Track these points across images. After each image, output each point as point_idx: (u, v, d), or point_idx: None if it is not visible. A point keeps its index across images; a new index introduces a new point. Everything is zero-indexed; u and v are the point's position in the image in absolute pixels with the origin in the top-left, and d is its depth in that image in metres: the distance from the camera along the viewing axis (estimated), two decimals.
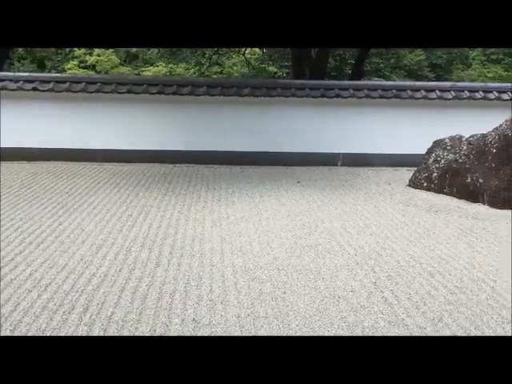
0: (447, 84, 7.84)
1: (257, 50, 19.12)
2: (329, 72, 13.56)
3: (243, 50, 16.88)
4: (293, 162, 7.56)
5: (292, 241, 4.07)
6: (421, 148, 6.55)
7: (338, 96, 7.48)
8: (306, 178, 6.72)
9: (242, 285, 3.17)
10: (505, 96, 7.51)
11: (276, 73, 18.98)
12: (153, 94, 7.22)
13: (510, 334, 2.62)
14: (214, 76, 19.44)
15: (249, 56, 19.05)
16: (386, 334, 2.60)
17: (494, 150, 5.41)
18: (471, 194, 5.47)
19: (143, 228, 4.27)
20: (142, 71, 22.66)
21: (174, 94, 7.23)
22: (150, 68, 22.86)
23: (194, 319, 2.69)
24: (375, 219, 4.79)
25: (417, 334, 2.60)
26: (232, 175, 6.81)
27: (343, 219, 4.75)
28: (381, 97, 7.47)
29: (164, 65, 21.92)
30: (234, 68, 21.66)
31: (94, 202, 5.02)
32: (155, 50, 20.04)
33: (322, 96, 7.48)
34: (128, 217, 4.56)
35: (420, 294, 3.09)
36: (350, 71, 13.33)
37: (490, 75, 27.83)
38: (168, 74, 21.25)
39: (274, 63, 18.17)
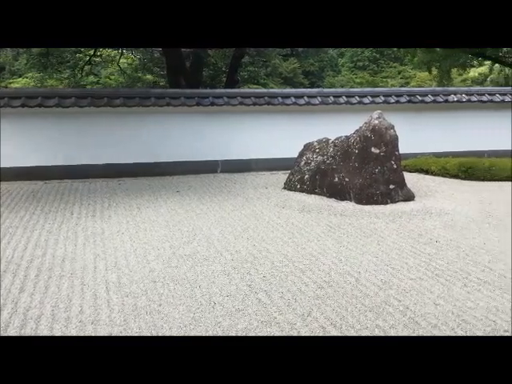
0: (314, 90, 8.33)
1: (132, 57, 18.74)
2: (205, 81, 13.71)
3: (118, 58, 16.45)
4: (172, 172, 7.51)
5: (170, 251, 4.03)
6: (295, 152, 6.85)
7: (212, 104, 7.59)
8: (185, 187, 6.70)
9: (115, 302, 3.06)
10: (366, 100, 8.14)
11: (155, 82, 18.76)
12: (15, 107, 6.74)
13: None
14: (89, 86, 18.69)
15: (125, 65, 18.60)
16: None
17: (357, 151, 5.84)
18: (339, 193, 5.85)
19: (7, 252, 3.96)
20: (10, 83, 21.11)
21: (40, 106, 6.82)
22: (19, 80, 21.37)
23: None
24: (252, 223, 4.91)
25: (289, 331, 2.71)
26: (109, 188, 6.58)
27: (221, 225, 4.81)
28: (254, 104, 7.71)
29: (33, 76, 20.60)
30: (112, 78, 21.02)
31: None
32: (24, 61, 18.80)
33: (198, 104, 7.54)
34: None
35: (292, 292, 3.22)
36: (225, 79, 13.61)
37: (358, 80, 30.02)
38: (38, 85, 20.00)
39: (150, 72, 17.95)
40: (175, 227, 4.73)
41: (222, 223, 4.90)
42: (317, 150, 6.35)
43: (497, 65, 16.24)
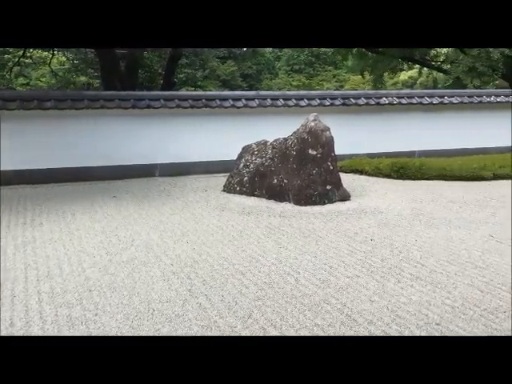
0: (251, 93, 8.38)
1: (64, 59, 18.09)
2: (141, 83, 13.46)
3: (49, 59, 15.84)
4: (109, 176, 7.30)
5: (106, 258, 3.92)
6: (234, 154, 6.85)
7: (149, 106, 7.46)
8: (123, 192, 6.54)
9: (48, 313, 2.93)
10: (302, 103, 8.29)
11: (89, 83, 18.20)
12: None
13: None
14: (19, 89, 17.85)
15: (57, 67, 17.93)
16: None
17: (294, 153, 5.93)
18: (278, 194, 5.91)
19: None
20: None
21: None
22: None
23: None
24: (192, 226, 4.87)
25: (229, 334, 2.70)
26: (40, 195, 6.31)
27: (160, 230, 4.73)
28: (192, 106, 7.65)
29: None
30: (43, 79, 20.18)
31: None
32: None
33: (133, 107, 7.38)
34: None
35: (232, 294, 3.22)
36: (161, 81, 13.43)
37: (294, 83, 30.54)
38: None
39: (84, 73, 17.40)
40: (112, 233, 4.60)
41: (161, 227, 4.82)
42: (255, 152, 6.39)
43: (425, 68, 17.03)
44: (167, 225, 4.92)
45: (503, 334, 2.67)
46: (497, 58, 10.64)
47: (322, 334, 2.70)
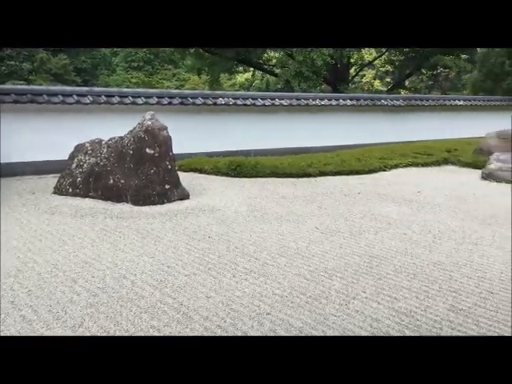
0: (84, 89, 7.97)
1: None
2: None
3: None
4: None
5: None
6: (66, 153, 6.42)
7: None
8: None
9: None
10: (139, 101, 8.12)
11: None
12: None
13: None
14: None
15: None
16: None
17: (131, 152, 5.77)
18: (115, 195, 5.71)
19: None
20: None
21: None
22: None
23: None
24: (17, 233, 4.45)
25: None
26: None
27: None
28: (15, 102, 6.99)
29: None
30: None
31: None
32: None
33: None
34: None
35: (61, 304, 3.01)
36: None
37: (134, 81, 29.79)
38: None
39: None
40: None
41: None
42: (89, 152, 6.07)
43: (259, 71, 17.97)
44: None
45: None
46: (320, 65, 11.67)
47: (157, 334, 2.67)
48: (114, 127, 6.63)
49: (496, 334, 2.74)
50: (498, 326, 2.84)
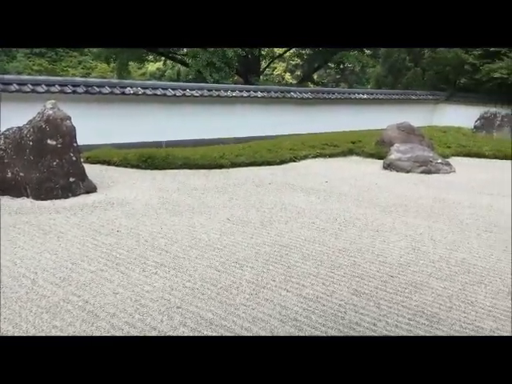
0: None
1: None
2: None
3: None
4: None
5: None
6: None
7: None
8: None
9: None
10: (40, 89, 7.64)
11: None
12: None
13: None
14: None
15: None
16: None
17: (31, 143, 5.43)
18: (14, 189, 5.34)
19: None
20: None
21: None
22: None
23: None
24: None
25: None
26: None
27: None
28: None
29: None
30: None
31: None
32: None
33: None
34: None
35: None
36: None
37: (36, 68, 28.02)
38: None
39: None
40: None
41: None
42: None
43: (170, 61, 17.61)
44: None
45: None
46: (231, 56, 11.69)
47: (60, 334, 2.55)
48: (11, 117, 6.19)
49: (395, 315, 2.92)
50: (397, 308, 3.03)
